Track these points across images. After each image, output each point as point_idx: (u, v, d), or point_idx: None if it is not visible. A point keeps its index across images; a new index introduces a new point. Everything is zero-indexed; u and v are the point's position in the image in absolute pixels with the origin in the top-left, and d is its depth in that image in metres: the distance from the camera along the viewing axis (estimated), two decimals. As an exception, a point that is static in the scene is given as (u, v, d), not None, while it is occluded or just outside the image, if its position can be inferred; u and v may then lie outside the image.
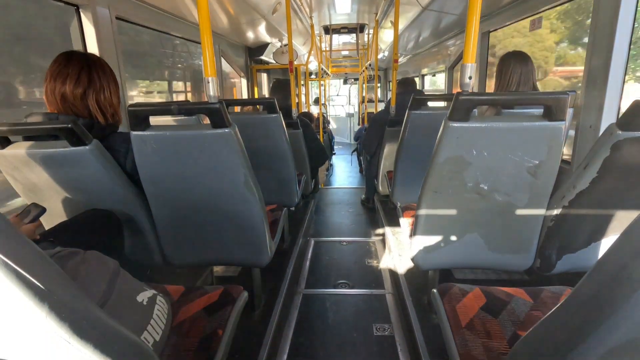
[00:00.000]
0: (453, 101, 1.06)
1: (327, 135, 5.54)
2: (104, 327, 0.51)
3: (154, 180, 1.22)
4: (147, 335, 0.80)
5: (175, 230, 1.37)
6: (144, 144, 1.13)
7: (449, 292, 1.09)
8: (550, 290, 1.08)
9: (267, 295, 1.78)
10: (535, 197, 1.20)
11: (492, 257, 1.36)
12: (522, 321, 0.96)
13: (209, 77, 1.08)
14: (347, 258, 2.51)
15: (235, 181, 1.20)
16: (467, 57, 1.06)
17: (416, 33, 4.21)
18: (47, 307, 0.40)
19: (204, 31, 1.07)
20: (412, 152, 2.07)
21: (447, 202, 1.27)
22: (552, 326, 0.53)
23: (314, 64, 6.63)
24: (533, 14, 2.23)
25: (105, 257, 0.84)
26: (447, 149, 1.13)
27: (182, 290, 1.09)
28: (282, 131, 1.99)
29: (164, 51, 2.99)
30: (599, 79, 1.53)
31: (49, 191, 1.22)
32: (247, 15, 3.19)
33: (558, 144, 1.08)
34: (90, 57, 1.21)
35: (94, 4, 1.71)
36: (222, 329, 0.94)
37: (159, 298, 0.90)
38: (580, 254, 1.29)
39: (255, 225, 1.33)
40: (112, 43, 1.83)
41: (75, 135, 1.04)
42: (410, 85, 2.93)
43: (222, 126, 1.09)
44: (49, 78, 1.15)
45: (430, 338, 1.47)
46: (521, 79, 1.76)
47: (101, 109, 1.21)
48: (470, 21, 1.05)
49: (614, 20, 1.43)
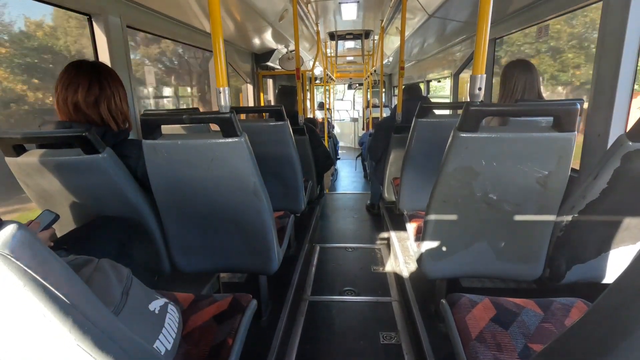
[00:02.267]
0: (463, 112, 1.06)
1: (332, 140, 5.56)
2: (121, 337, 0.52)
3: (164, 188, 1.24)
4: (159, 344, 0.81)
5: (185, 238, 1.38)
6: (156, 153, 1.15)
7: (458, 302, 1.09)
8: (561, 302, 1.08)
9: (273, 302, 1.78)
10: (545, 207, 1.20)
11: (500, 266, 1.35)
12: (533, 334, 0.95)
13: (221, 87, 1.09)
14: (352, 264, 2.51)
15: (245, 189, 1.21)
16: (477, 68, 1.06)
17: (421, 39, 4.22)
18: (71, 321, 0.41)
19: (216, 41, 1.08)
20: (419, 160, 2.07)
21: (456, 211, 1.27)
22: (571, 342, 0.53)
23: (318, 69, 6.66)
24: (540, 21, 2.23)
25: (118, 264, 0.85)
26: (456, 159, 1.13)
27: (192, 299, 1.10)
28: (289, 138, 2.01)
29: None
30: (607, 86, 1.52)
31: (60, 198, 1.24)
32: (254, 22, 3.23)
33: (568, 155, 1.08)
34: (99, 65, 1.24)
35: (105, 13, 1.74)
36: (232, 338, 0.95)
37: (170, 306, 0.90)
38: (589, 264, 1.28)
39: (264, 233, 1.34)
40: (122, 51, 1.86)
41: (90, 144, 1.06)
42: (416, 92, 2.94)
43: (234, 135, 1.10)
44: (60, 88, 1.17)
45: (438, 348, 1.46)
46: (526, 86, 1.76)
47: (113, 116, 1.23)
48: (480, 33, 1.06)
49: (622, 27, 1.43)
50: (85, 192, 1.22)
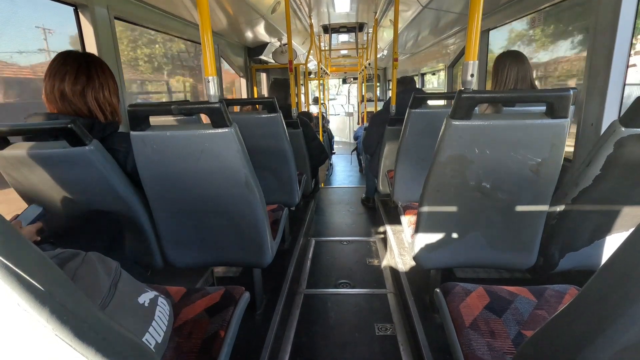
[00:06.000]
0: (455, 99, 1.05)
1: (327, 134, 5.54)
2: (105, 329, 0.51)
3: (154, 180, 1.22)
4: (149, 337, 0.79)
5: (176, 231, 1.36)
6: (144, 145, 1.13)
7: (452, 291, 1.09)
8: (554, 289, 1.08)
9: (268, 295, 1.77)
10: (538, 195, 1.20)
11: (494, 255, 1.36)
12: (526, 320, 0.95)
13: (209, 76, 1.07)
14: (348, 257, 2.51)
15: (236, 181, 1.20)
16: (469, 54, 1.05)
17: (415, 31, 4.20)
18: (48, 310, 0.39)
19: (204, 30, 1.06)
20: (413, 151, 2.06)
21: (449, 200, 1.26)
22: (560, 327, 0.52)
23: (313, 64, 6.62)
24: (532, 11, 2.22)
25: (106, 258, 0.83)
26: (449, 148, 1.13)
27: (183, 292, 1.08)
28: (282, 130, 1.99)
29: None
30: (601, 75, 1.52)
31: (48, 192, 1.22)
32: (246, 14, 3.18)
33: (561, 142, 1.07)
34: (89, 56, 1.21)
35: (92, 4, 1.70)
36: (224, 330, 0.94)
37: (160, 299, 0.89)
38: (583, 252, 1.29)
39: (256, 225, 1.33)
40: (111, 43, 1.82)
41: (75, 135, 1.03)
42: (410, 84, 2.93)
43: (223, 126, 1.08)
44: (48, 76, 1.14)
45: (433, 338, 1.46)
46: (518, 77, 1.75)
47: (101, 107, 1.20)
48: (472, 19, 1.04)
49: (615, 15, 1.42)
50: (73, 186, 1.19)
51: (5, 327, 0.38)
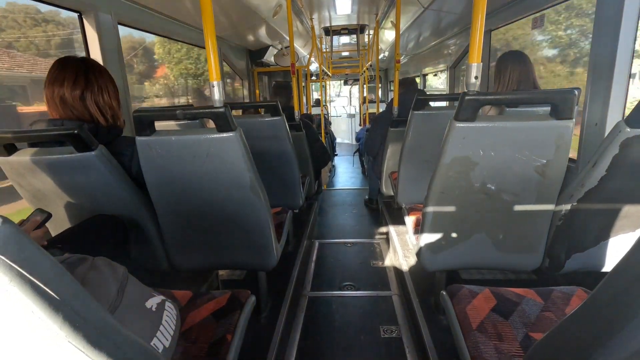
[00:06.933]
0: (459, 101, 1.05)
1: (329, 136, 5.54)
2: (116, 334, 0.51)
3: (159, 185, 1.22)
4: (157, 342, 0.80)
5: (181, 235, 1.37)
6: (150, 149, 1.13)
7: (458, 293, 1.09)
8: (561, 291, 1.07)
9: (273, 298, 1.77)
10: (543, 196, 1.19)
11: (500, 257, 1.35)
12: (533, 322, 0.95)
13: (214, 81, 1.07)
14: (352, 259, 2.51)
15: (241, 185, 1.20)
16: (472, 56, 1.05)
17: (416, 33, 4.20)
18: (61, 317, 0.40)
19: (208, 35, 1.06)
20: (416, 152, 2.06)
21: (454, 202, 1.26)
22: (570, 330, 0.52)
23: (314, 66, 6.63)
24: (535, 11, 2.22)
25: (113, 263, 0.84)
26: (453, 150, 1.13)
27: (189, 296, 1.09)
28: (285, 133, 1.99)
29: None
30: (604, 74, 1.51)
31: (54, 197, 1.22)
32: (248, 18, 3.20)
33: (566, 143, 1.07)
34: (87, 60, 1.22)
35: (96, 10, 1.71)
36: (230, 334, 0.94)
37: (167, 304, 0.89)
38: (589, 253, 1.28)
39: (261, 228, 1.33)
40: (115, 49, 1.83)
41: (81, 141, 1.04)
42: (412, 85, 2.93)
43: (228, 130, 1.08)
44: (47, 83, 1.15)
45: (439, 340, 1.46)
46: (521, 77, 1.75)
47: (101, 111, 1.21)
48: (475, 21, 1.04)
49: (618, 14, 1.41)
50: (79, 191, 1.20)
51: (20, 335, 0.39)
